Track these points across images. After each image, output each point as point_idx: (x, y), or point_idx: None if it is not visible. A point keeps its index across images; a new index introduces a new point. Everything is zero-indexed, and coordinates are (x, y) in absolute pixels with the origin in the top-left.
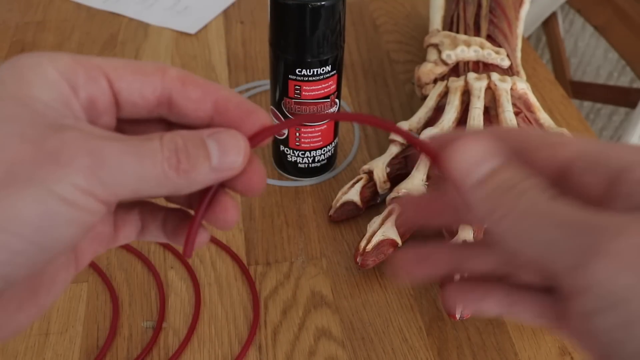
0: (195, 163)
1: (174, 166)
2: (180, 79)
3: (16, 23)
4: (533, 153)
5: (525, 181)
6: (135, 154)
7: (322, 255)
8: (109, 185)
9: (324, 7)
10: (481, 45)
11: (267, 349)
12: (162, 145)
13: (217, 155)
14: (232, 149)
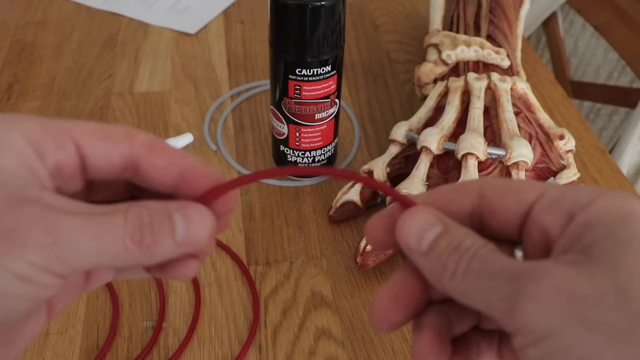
0: (158, 238)
1: (136, 241)
2: (147, 146)
3: (16, 23)
4: (498, 200)
5: (464, 242)
6: (96, 229)
7: (322, 255)
8: (66, 261)
9: (324, 7)
10: (481, 45)
11: (267, 349)
12: (127, 219)
13: (182, 230)
14: (199, 225)
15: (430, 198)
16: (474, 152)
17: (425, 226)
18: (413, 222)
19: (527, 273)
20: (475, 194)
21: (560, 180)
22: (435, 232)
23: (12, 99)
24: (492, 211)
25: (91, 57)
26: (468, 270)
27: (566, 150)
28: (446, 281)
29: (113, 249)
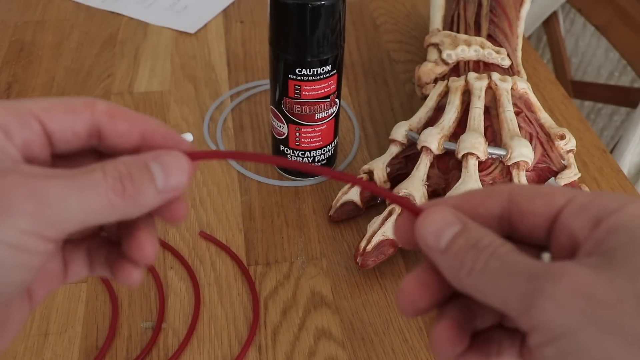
0: (140, 187)
1: (119, 193)
2: (108, 113)
3: (15, 22)
4: (528, 203)
5: (482, 240)
6: (78, 188)
7: (322, 256)
8: (56, 223)
9: (324, 6)
10: (482, 44)
11: (267, 349)
12: (105, 174)
13: (161, 177)
14: (176, 170)
15: (460, 200)
16: (475, 152)
17: (444, 224)
18: (432, 221)
19: (547, 272)
20: (505, 198)
21: (560, 180)
22: (454, 230)
23: (12, 99)
24: (521, 214)
25: (90, 57)
26: (486, 267)
27: (567, 150)
28: (463, 278)
29: (98, 204)
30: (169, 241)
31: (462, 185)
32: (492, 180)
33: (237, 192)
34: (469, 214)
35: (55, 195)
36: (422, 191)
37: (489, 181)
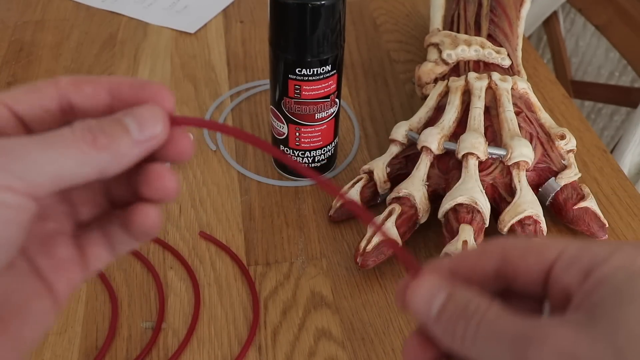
0: (113, 137)
1: (89, 142)
2: (72, 83)
3: (15, 22)
4: (520, 261)
5: (469, 305)
6: (45, 142)
7: (322, 256)
8: (25, 176)
9: (324, 6)
10: (482, 44)
11: (266, 349)
12: (74, 128)
13: (136, 128)
14: (150, 119)
15: (456, 263)
16: (475, 152)
17: (432, 292)
18: (420, 290)
19: (530, 337)
20: (498, 257)
21: (561, 180)
22: (442, 297)
23: None
24: (515, 272)
25: (90, 57)
26: (476, 335)
27: (567, 150)
28: (458, 345)
29: (69, 154)
30: (169, 241)
31: (462, 185)
32: (492, 180)
33: (237, 192)
34: (466, 275)
35: (21, 150)
36: (422, 191)
37: (489, 181)
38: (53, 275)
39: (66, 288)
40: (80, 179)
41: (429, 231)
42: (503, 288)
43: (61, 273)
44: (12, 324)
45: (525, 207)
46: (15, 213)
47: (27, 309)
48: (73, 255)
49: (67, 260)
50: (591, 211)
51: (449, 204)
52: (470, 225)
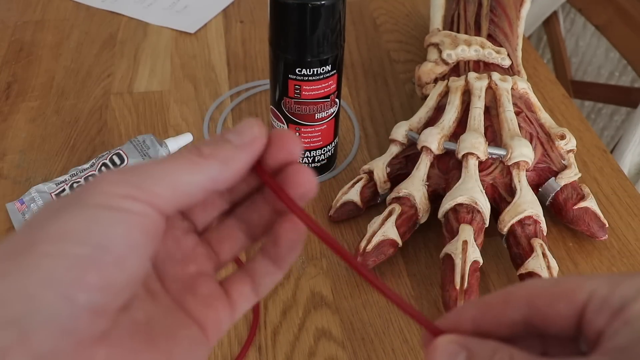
0: (216, 146)
1: (196, 154)
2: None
3: (15, 22)
4: (549, 309)
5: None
6: (158, 161)
7: (322, 256)
8: (143, 185)
9: (324, 6)
10: (482, 44)
11: (266, 349)
12: (181, 150)
13: (235, 137)
14: (246, 126)
15: (479, 312)
16: (475, 152)
17: (450, 354)
18: (437, 354)
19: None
20: (524, 304)
21: (561, 180)
22: (462, 358)
23: (11, 99)
24: (544, 319)
25: (90, 57)
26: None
27: (567, 150)
28: None
29: (181, 166)
30: None
31: (462, 185)
32: (492, 180)
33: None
34: (491, 325)
35: (137, 167)
36: (422, 191)
37: (489, 181)
38: (199, 311)
39: (214, 325)
40: (197, 189)
41: (429, 231)
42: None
43: (207, 310)
44: (161, 342)
45: (525, 207)
46: (138, 219)
47: (175, 333)
48: (217, 294)
49: (212, 297)
50: (591, 211)
51: (449, 204)
52: (470, 225)
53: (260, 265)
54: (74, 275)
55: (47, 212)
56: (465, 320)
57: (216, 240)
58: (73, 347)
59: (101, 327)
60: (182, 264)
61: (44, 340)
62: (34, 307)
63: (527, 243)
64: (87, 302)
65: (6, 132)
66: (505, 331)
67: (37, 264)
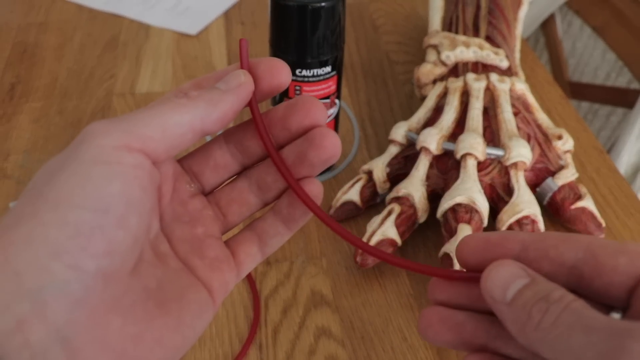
0: (203, 91)
1: (182, 96)
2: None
3: (18, 24)
4: (609, 259)
5: (552, 293)
6: (145, 107)
7: (322, 255)
8: (135, 129)
9: (324, 8)
10: (480, 46)
11: (267, 347)
12: (166, 94)
13: (222, 84)
14: (233, 75)
15: (532, 239)
16: (473, 153)
17: (512, 277)
18: (499, 273)
19: (631, 331)
20: (582, 247)
21: (558, 180)
22: (522, 283)
23: (15, 100)
24: (599, 269)
25: (93, 58)
26: (558, 321)
27: (564, 150)
28: (530, 332)
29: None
30: None
31: (461, 185)
32: (490, 181)
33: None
34: (539, 255)
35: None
36: (422, 191)
37: (487, 181)
38: (207, 274)
39: (221, 287)
40: (186, 130)
41: (428, 231)
42: (571, 289)
43: (214, 273)
44: (172, 307)
45: (523, 207)
46: (134, 172)
47: (185, 297)
48: (224, 256)
49: (219, 260)
50: (588, 211)
51: (447, 203)
52: (469, 225)
53: (271, 226)
54: (79, 243)
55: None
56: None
57: (225, 202)
58: (88, 317)
59: (114, 293)
60: (190, 225)
61: (58, 311)
62: (46, 279)
63: None
64: (96, 269)
65: (10, 132)
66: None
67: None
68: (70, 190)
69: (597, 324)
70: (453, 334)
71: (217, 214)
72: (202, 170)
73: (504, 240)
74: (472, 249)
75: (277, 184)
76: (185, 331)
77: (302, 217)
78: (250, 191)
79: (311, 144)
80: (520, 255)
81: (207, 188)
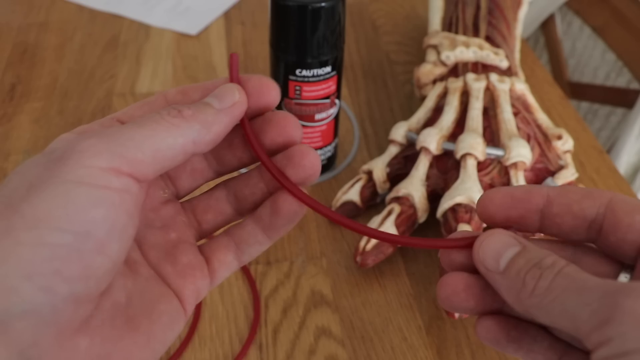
0: (197, 109)
1: (176, 116)
2: (179, 92)
3: (19, 24)
4: (626, 215)
5: (545, 259)
6: (137, 124)
7: (322, 255)
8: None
9: (324, 8)
10: (480, 46)
11: (267, 347)
12: (159, 111)
13: (216, 101)
14: (227, 90)
15: (557, 192)
16: (473, 153)
17: (503, 246)
18: (491, 243)
19: (625, 289)
20: (604, 202)
21: (558, 180)
22: (514, 251)
23: (15, 100)
24: (616, 225)
25: (93, 58)
26: (552, 285)
27: (564, 150)
28: (525, 298)
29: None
30: None
31: (461, 185)
32: (490, 181)
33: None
34: (562, 210)
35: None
36: (421, 191)
37: (487, 181)
38: (178, 282)
39: (192, 295)
40: (178, 152)
41: (428, 230)
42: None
43: (186, 280)
44: (142, 322)
45: None
46: (120, 197)
47: (155, 309)
48: (197, 263)
49: (191, 267)
50: None
51: (447, 203)
52: (469, 225)
53: (249, 234)
54: (55, 266)
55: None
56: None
57: (201, 210)
58: (54, 339)
59: (83, 315)
60: (162, 231)
61: (23, 332)
62: (13, 300)
63: None
64: (69, 293)
65: (10, 132)
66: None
67: (15, 253)
68: (50, 211)
69: (590, 285)
70: (477, 300)
71: (191, 221)
72: (178, 175)
73: (528, 194)
74: (497, 205)
75: (254, 196)
76: (155, 346)
77: (285, 226)
78: (227, 201)
79: (290, 161)
80: (545, 210)
81: (182, 193)
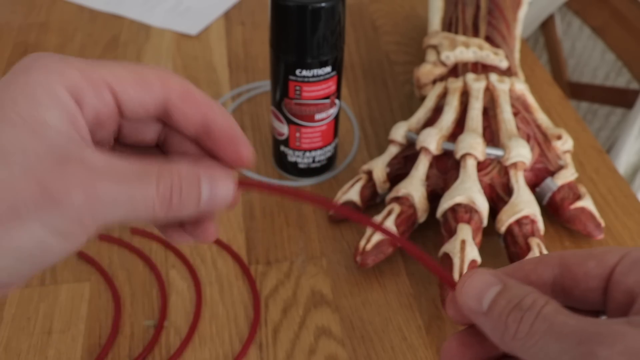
0: (186, 203)
1: (165, 204)
2: (180, 95)
3: (19, 24)
4: (579, 267)
5: (525, 299)
6: (130, 197)
7: (322, 255)
8: (100, 218)
9: (324, 8)
10: (480, 46)
11: (267, 347)
12: (158, 187)
13: (207, 196)
14: (222, 192)
15: (512, 269)
16: (473, 153)
17: (485, 286)
18: (471, 283)
19: (599, 335)
20: (556, 264)
21: (558, 180)
22: (495, 290)
23: None
24: (574, 279)
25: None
26: (532, 330)
27: (564, 150)
28: (509, 340)
29: (142, 209)
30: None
31: (461, 185)
32: (490, 181)
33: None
34: (523, 281)
35: (106, 198)
36: (421, 191)
37: (487, 181)
38: None
39: None
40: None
41: (428, 230)
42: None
43: None
44: None
45: (522, 207)
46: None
47: None
48: None
49: None
50: (587, 211)
51: (447, 203)
52: (469, 225)
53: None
54: None
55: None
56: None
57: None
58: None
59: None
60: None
61: None
62: None
63: (524, 242)
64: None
65: None
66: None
67: None
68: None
69: (567, 330)
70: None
71: None
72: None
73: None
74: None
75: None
76: None
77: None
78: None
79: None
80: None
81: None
